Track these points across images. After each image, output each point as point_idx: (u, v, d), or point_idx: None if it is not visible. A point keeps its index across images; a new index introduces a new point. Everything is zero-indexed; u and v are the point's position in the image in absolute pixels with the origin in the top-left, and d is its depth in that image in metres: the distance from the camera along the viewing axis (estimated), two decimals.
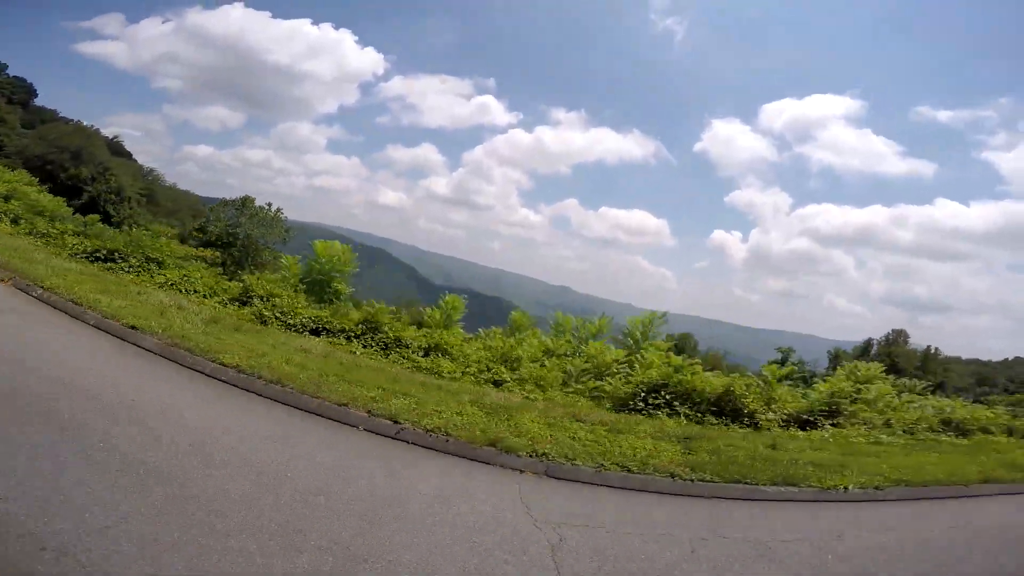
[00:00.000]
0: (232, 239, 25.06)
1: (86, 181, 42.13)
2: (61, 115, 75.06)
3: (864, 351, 52.56)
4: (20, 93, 66.55)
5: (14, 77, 68.03)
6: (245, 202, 28.27)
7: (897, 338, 57.24)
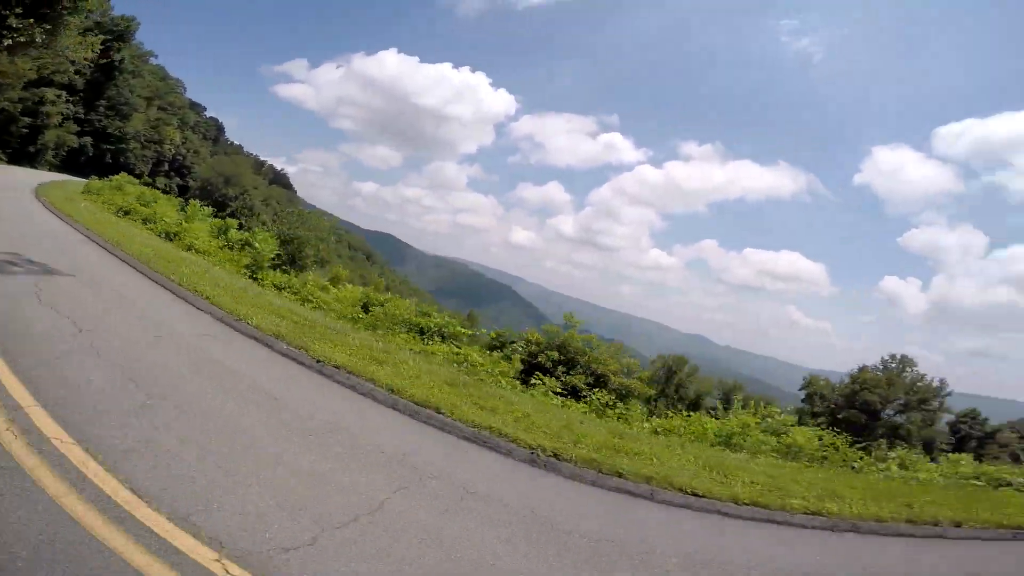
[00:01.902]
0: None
1: (231, 198, 48.78)
2: (245, 150, 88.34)
3: None
4: (212, 130, 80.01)
5: (209, 117, 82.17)
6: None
7: None
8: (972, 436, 60.85)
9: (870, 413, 48.71)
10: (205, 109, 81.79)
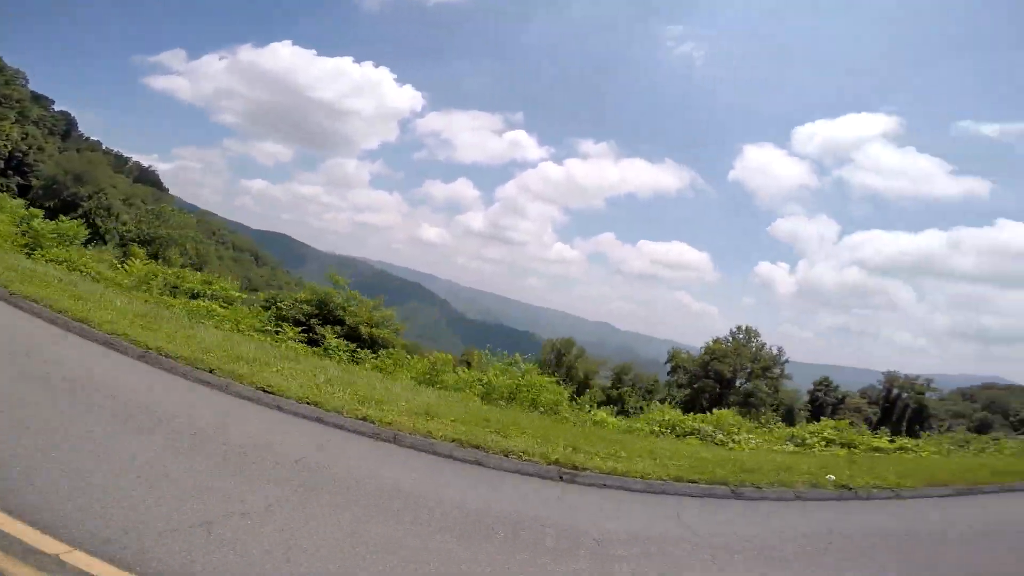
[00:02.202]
0: None
1: (83, 198, 43.94)
2: (105, 146, 78.61)
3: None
4: (61, 125, 70.31)
5: (59, 111, 72.15)
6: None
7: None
8: (827, 403, 70.78)
9: (722, 382, 52.46)
10: (53, 102, 71.61)
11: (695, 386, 53.06)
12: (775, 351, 55.30)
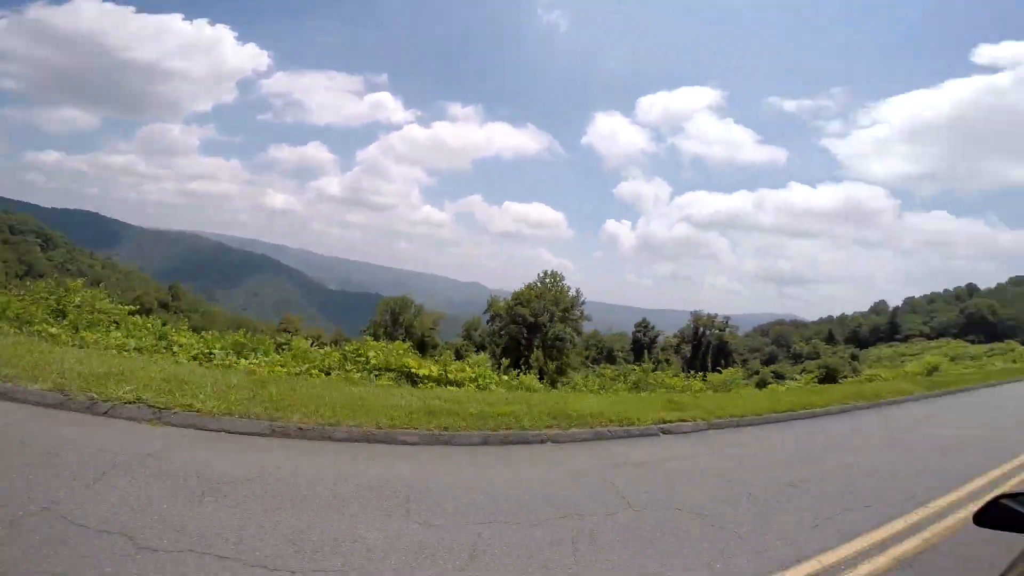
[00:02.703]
0: None
1: None
2: None
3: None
4: None
5: None
6: None
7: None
8: (644, 343, 78.25)
9: (528, 326, 50.78)
10: None
11: (502, 332, 52.02)
12: (574, 292, 54.38)
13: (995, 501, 1.92)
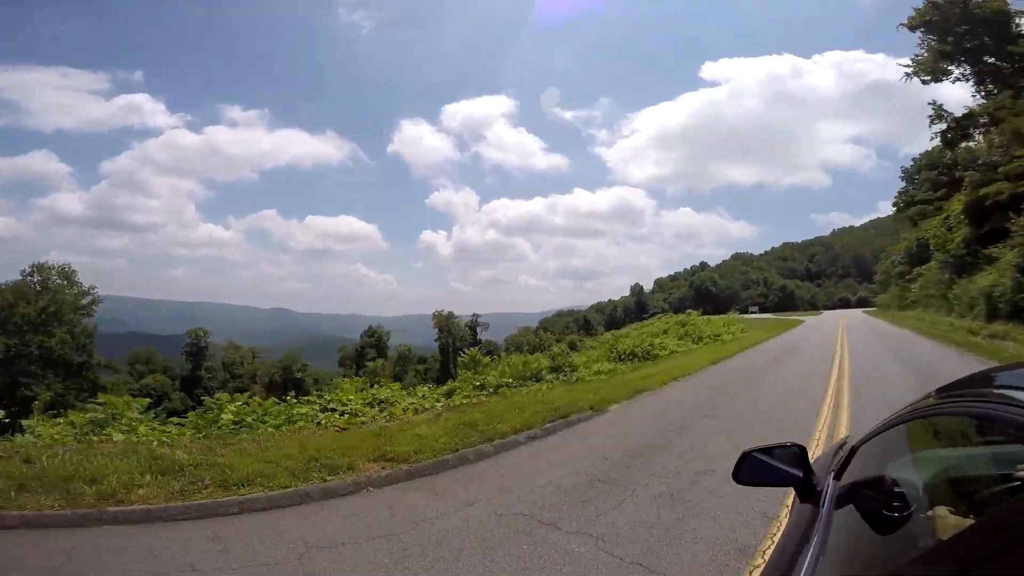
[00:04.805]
0: None
1: None
2: None
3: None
4: None
5: None
6: None
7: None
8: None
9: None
10: None
11: None
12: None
13: (746, 455, 1.93)
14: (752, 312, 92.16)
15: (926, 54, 31.83)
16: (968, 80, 31.56)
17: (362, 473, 5.88)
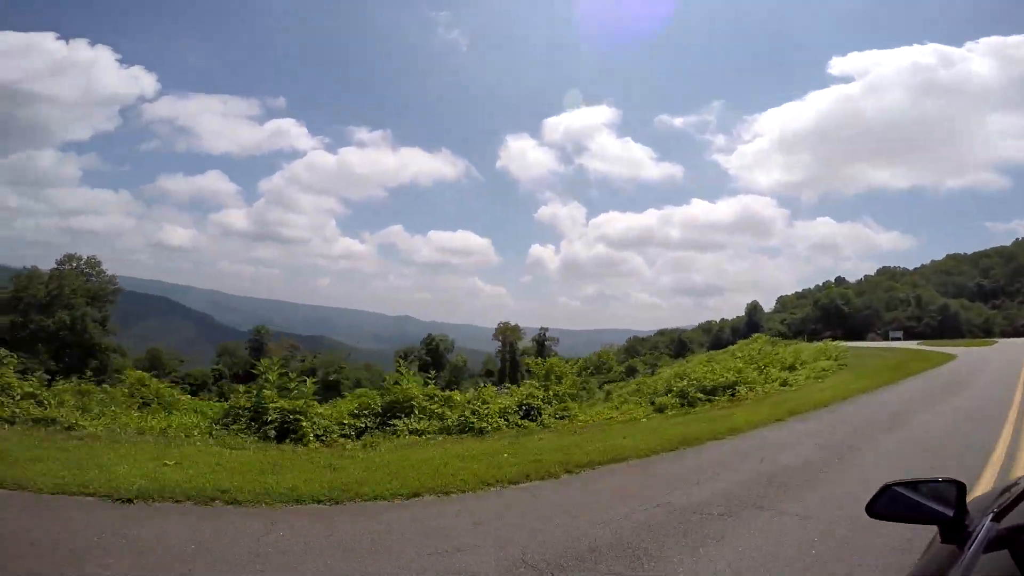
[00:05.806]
0: None
1: None
2: None
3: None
4: None
5: None
6: None
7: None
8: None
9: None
10: None
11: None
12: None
13: (886, 489, 1.86)
14: (894, 338, 77.33)
15: None
16: None
17: None
